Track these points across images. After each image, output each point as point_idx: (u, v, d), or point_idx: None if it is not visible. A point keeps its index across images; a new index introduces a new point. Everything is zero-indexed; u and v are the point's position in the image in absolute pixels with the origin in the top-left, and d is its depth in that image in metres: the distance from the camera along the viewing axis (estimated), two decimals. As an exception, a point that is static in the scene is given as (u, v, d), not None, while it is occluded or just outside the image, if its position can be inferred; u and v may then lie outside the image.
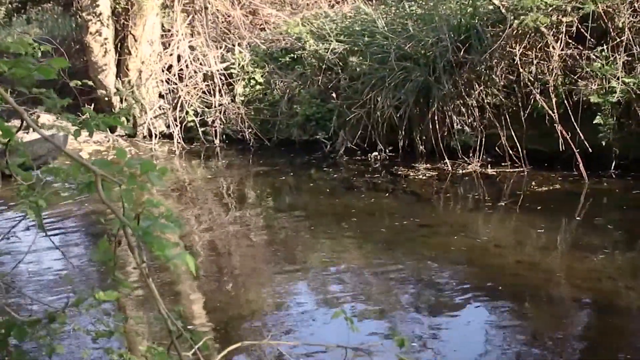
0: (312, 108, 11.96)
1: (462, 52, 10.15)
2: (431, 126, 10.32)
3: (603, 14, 9.26)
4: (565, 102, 9.42)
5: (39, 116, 11.25)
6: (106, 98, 13.44)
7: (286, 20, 13.72)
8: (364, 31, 12.12)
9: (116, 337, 4.43)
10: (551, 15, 9.42)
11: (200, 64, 13.16)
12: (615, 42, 9.33)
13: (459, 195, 9.25)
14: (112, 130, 12.68)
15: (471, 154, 10.17)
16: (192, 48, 13.30)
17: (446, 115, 10.32)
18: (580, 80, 9.50)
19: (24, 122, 2.64)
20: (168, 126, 13.06)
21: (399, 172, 10.13)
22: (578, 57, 9.58)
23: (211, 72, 13.04)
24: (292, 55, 12.65)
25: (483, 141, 10.06)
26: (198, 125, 12.82)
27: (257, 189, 10.22)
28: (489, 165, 10.02)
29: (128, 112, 13.01)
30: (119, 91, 13.15)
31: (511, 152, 9.78)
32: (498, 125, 9.94)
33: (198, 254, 7.06)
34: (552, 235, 7.27)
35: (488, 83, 10.11)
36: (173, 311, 2.71)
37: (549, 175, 9.41)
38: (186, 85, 13.08)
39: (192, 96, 13.03)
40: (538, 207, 8.26)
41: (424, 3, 12.05)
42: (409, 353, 4.69)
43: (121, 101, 13.39)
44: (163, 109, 13.24)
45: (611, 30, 9.37)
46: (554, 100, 9.47)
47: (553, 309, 5.53)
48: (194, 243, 7.50)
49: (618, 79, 9.07)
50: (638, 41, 9.24)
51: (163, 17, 13.51)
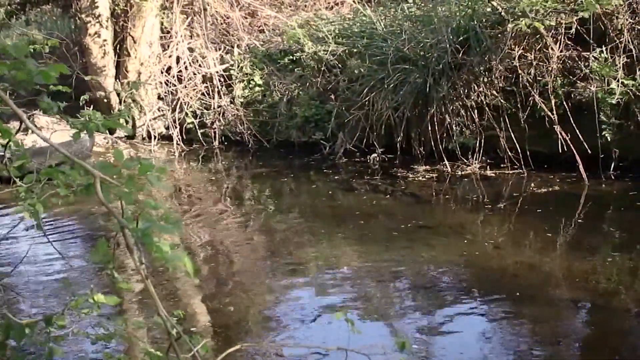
0: (311, 110, 11.96)
1: (461, 54, 10.14)
2: (430, 128, 10.31)
3: (602, 16, 9.27)
4: (564, 104, 9.42)
5: (38, 118, 11.23)
6: (105, 100, 13.43)
7: (285, 22, 13.71)
8: (363, 33, 12.12)
9: (115, 340, 4.42)
10: (548, 19, 9.42)
11: (199, 66, 13.16)
12: (614, 44, 9.33)
13: (458, 196, 9.25)
14: (112, 131, 12.68)
15: (470, 156, 10.17)
16: (191, 50, 13.30)
17: (445, 116, 10.32)
18: (579, 81, 9.51)
19: (23, 124, 2.64)
20: (167, 128, 13.05)
21: (398, 174, 10.12)
22: (577, 59, 9.58)
23: (210, 74, 13.04)
24: (291, 57, 12.65)
25: (482, 143, 10.06)
26: (197, 126, 12.81)
27: (256, 191, 10.21)
28: (488, 166, 10.01)
29: (127, 114, 13.00)
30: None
31: (510, 154, 9.78)
32: (497, 126, 9.93)
33: (197, 256, 7.05)
34: (551, 236, 7.27)
35: (487, 85, 10.11)
36: (173, 315, 2.71)
37: (548, 176, 9.40)
38: (185, 86, 13.07)
39: (191, 98, 13.03)
40: (537, 209, 8.26)
41: (423, 5, 12.05)
42: (410, 355, 4.68)
43: (120, 103, 13.39)
44: (162, 111, 13.23)
45: (610, 31, 9.37)
46: (553, 101, 9.47)
47: (552, 310, 5.53)
48: (193, 245, 7.49)
49: (617, 81, 9.07)
50: (637, 43, 9.25)
51: (162, 19, 13.50)
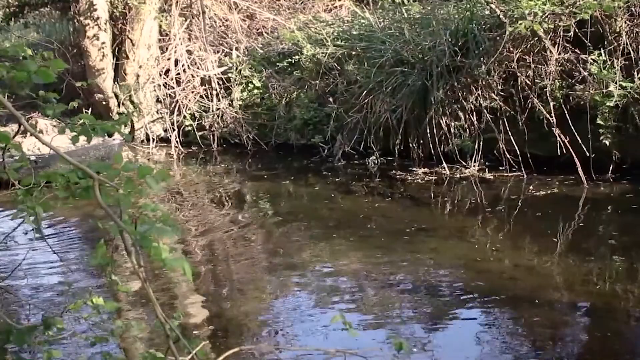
0: (310, 112, 11.96)
1: (460, 57, 10.15)
2: (429, 130, 10.31)
3: (600, 19, 9.28)
4: (562, 106, 9.43)
5: (37, 121, 11.22)
6: (103, 102, 13.43)
7: (284, 24, 13.72)
8: (361, 35, 12.13)
9: (113, 342, 4.42)
10: (546, 22, 9.43)
11: (197, 68, 13.17)
12: (612, 46, 9.34)
13: (457, 199, 9.25)
14: (110, 134, 12.65)
15: (469, 158, 10.17)
16: (190, 52, 13.30)
17: (443, 119, 10.32)
18: (577, 84, 9.52)
19: (22, 127, 2.64)
20: (165, 130, 13.05)
21: (397, 176, 10.12)
22: (575, 61, 9.59)
23: (209, 77, 13.04)
24: (290, 59, 12.66)
25: (481, 145, 10.06)
26: (195, 129, 12.81)
27: (255, 194, 10.20)
28: (487, 169, 10.01)
29: (127, 120, 13.00)
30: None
31: (509, 156, 9.78)
32: (495, 129, 9.94)
33: (195, 259, 7.05)
34: (550, 239, 7.27)
35: (485, 87, 10.11)
36: (173, 318, 2.71)
37: (547, 179, 9.40)
38: (184, 89, 13.08)
39: (190, 100, 13.03)
40: (536, 211, 8.27)
41: (422, 7, 12.06)
42: (407, 357, 4.68)
43: (119, 105, 13.38)
44: (161, 113, 13.23)
45: (608, 34, 9.38)
46: (552, 104, 9.48)
47: (551, 313, 5.53)
48: (192, 247, 7.49)
49: (616, 83, 9.08)
50: (635, 45, 9.26)
51: (160, 22, 13.50)
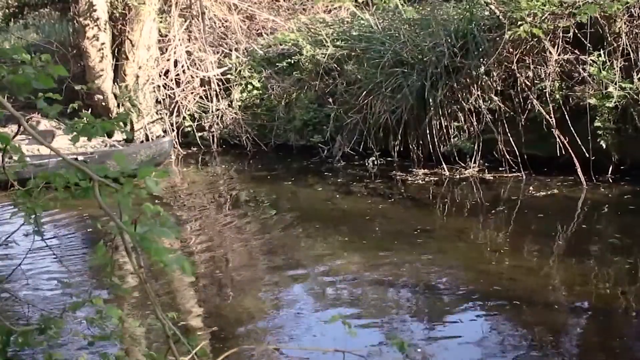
0: (310, 113, 11.97)
1: (459, 57, 10.16)
2: (428, 131, 10.32)
3: (600, 20, 9.28)
4: (562, 107, 9.43)
5: (39, 122, 11.23)
6: (103, 103, 13.43)
7: (283, 25, 13.73)
8: (361, 36, 12.14)
9: (113, 342, 4.42)
10: (546, 23, 9.44)
11: (197, 69, 13.17)
12: (612, 47, 9.35)
13: (456, 200, 9.25)
14: (110, 135, 12.67)
15: (468, 159, 10.17)
16: (189, 53, 13.31)
17: (443, 120, 10.32)
18: (577, 85, 9.52)
19: (21, 128, 2.64)
20: (165, 131, 13.05)
21: (396, 177, 10.13)
22: (575, 62, 9.60)
23: (208, 77, 13.05)
24: (289, 60, 12.67)
25: (480, 146, 10.07)
26: (195, 130, 12.82)
27: (255, 194, 10.20)
28: (486, 170, 10.02)
29: (126, 118, 13.00)
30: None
31: (508, 157, 9.78)
32: (495, 130, 9.95)
33: (195, 259, 7.05)
34: (549, 240, 7.27)
35: (485, 88, 10.12)
36: (173, 319, 2.71)
37: (546, 180, 9.41)
38: (183, 90, 13.09)
39: (189, 101, 13.04)
40: (535, 212, 8.26)
41: (421, 8, 12.07)
42: (407, 357, 4.68)
43: (118, 106, 13.39)
44: (160, 114, 13.24)
45: (608, 35, 9.39)
46: (551, 105, 9.49)
47: (550, 314, 5.53)
48: (191, 248, 7.49)
49: (615, 84, 9.09)
50: (635, 46, 9.27)
51: (160, 22, 13.51)
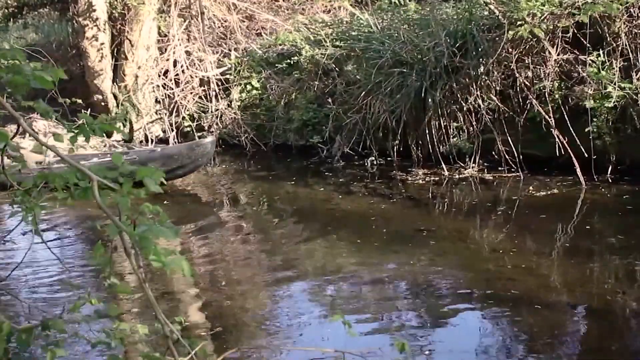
0: (309, 113, 11.97)
1: (458, 57, 10.16)
2: (427, 131, 10.33)
3: (599, 20, 9.29)
4: (561, 107, 9.44)
5: (36, 121, 11.21)
6: (102, 103, 13.43)
7: (282, 25, 13.73)
8: (360, 36, 12.14)
9: (113, 343, 4.42)
10: (545, 23, 9.45)
11: (196, 69, 13.17)
12: (611, 47, 9.36)
13: (456, 200, 9.26)
14: (109, 135, 12.68)
15: (467, 159, 10.18)
16: (189, 53, 13.31)
17: (442, 120, 10.33)
18: (576, 85, 9.52)
19: (20, 128, 2.64)
20: (164, 131, 13.05)
21: (396, 177, 10.13)
22: (574, 62, 9.60)
23: (207, 77, 13.05)
24: (289, 60, 12.67)
25: (480, 146, 10.07)
26: (194, 130, 12.81)
27: (254, 194, 10.20)
28: (486, 170, 10.02)
29: (124, 117, 13.02)
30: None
31: (507, 157, 9.79)
32: (494, 130, 9.95)
33: (194, 259, 7.04)
34: (549, 240, 7.28)
35: (484, 88, 10.12)
36: (175, 322, 2.70)
37: (546, 180, 9.41)
38: (182, 90, 13.09)
39: (189, 101, 13.04)
40: (534, 212, 8.26)
41: (421, 8, 12.07)
42: (407, 358, 4.68)
43: (117, 106, 13.39)
44: (159, 114, 13.24)
45: (607, 35, 9.39)
46: (550, 105, 9.49)
47: (549, 314, 5.53)
48: (190, 248, 7.49)
49: (614, 84, 9.09)
50: (634, 46, 9.27)
51: (159, 22, 13.51)
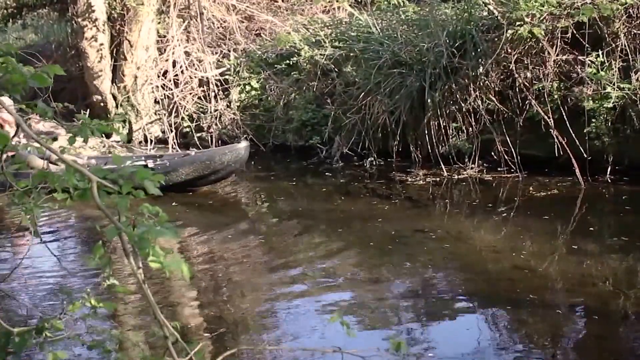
0: (308, 113, 11.97)
1: (458, 58, 10.17)
2: (426, 131, 10.33)
3: (598, 20, 9.29)
4: (560, 108, 9.44)
5: (34, 121, 11.20)
6: (102, 104, 13.44)
7: (282, 26, 13.73)
8: (359, 37, 12.15)
9: (111, 344, 4.42)
10: (544, 23, 9.45)
11: (195, 70, 13.17)
12: (610, 48, 9.36)
13: (455, 200, 9.26)
14: (108, 136, 12.68)
15: (467, 160, 10.18)
16: (188, 54, 13.31)
17: (441, 120, 10.33)
18: (575, 85, 9.53)
19: (20, 128, 2.64)
20: (163, 132, 13.05)
21: (395, 178, 10.13)
22: (573, 63, 9.61)
23: (207, 78, 13.05)
24: (288, 61, 12.68)
25: (479, 146, 10.08)
26: (194, 130, 12.82)
27: (253, 195, 10.20)
28: (485, 170, 10.03)
29: (123, 119, 13.03)
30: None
31: (507, 158, 9.79)
32: (493, 130, 9.95)
33: (193, 260, 7.04)
34: (548, 240, 7.28)
35: (483, 89, 10.13)
36: (175, 328, 2.70)
37: (545, 180, 9.42)
38: (182, 90, 13.09)
39: (188, 102, 13.04)
40: (534, 212, 8.27)
41: (420, 9, 12.08)
42: (405, 358, 4.68)
43: (117, 107, 13.40)
44: (159, 115, 13.24)
45: (606, 36, 9.40)
46: (549, 105, 9.50)
47: (549, 314, 5.53)
48: (189, 249, 7.49)
49: (613, 85, 9.10)
50: (633, 47, 9.28)
51: (159, 23, 13.51)
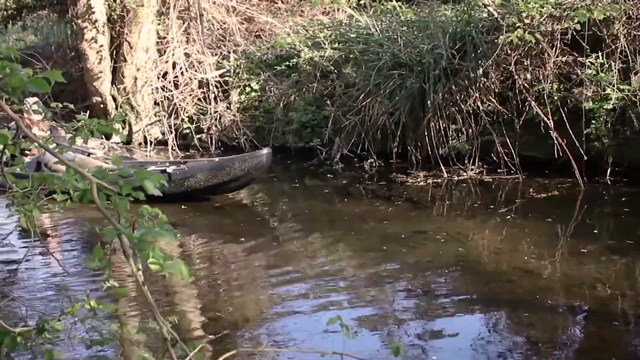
0: (308, 115, 11.98)
1: (457, 60, 10.17)
2: (426, 133, 10.33)
3: (598, 22, 9.29)
4: (560, 109, 9.44)
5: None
6: (101, 105, 13.44)
7: (282, 27, 13.74)
8: (359, 38, 12.15)
9: (110, 345, 4.42)
10: (544, 25, 9.46)
11: (195, 71, 13.18)
12: (610, 49, 9.36)
13: (455, 202, 9.26)
14: (108, 137, 12.68)
15: (466, 161, 10.19)
16: (188, 55, 13.32)
17: (441, 122, 10.33)
18: (575, 87, 9.53)
19: (19, 129, 2.63)
20: (163, 133, 13.06)
21: (395, 179, 10.13)
22: (573, 64, 9.61)
23: (207, 79, 13.05)
24: (288, 62, 12.68)
25: (479, 148, 10.08)
26: (193, 132, 12.82)
27: (252, 196, 10.20)
28: (485, 172, 10.03)
29: (122, 119, 13.03)
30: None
31: (506, 159, 9.80)
32: (493, 132, 9.96)
33: (193, 262, 7.04)
34: (548, 241, 7.28)
35: (483, 90, 10.13)
36: (173, 323, 2.70)
37: (545, 181, 9.42)
38: (181, 92, 13.09)
39: (188, 103, 13.04)
40: (534, 214, 8.27)
41: (419, 10, 12.09)
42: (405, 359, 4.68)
43: (116, 108, 13.40)
44: (158, 116, 13.24)
45: (606, 37, 9.40)
46: (549, 107, 9.50)
47: (548, 315, 5.53)
48: (189, 251, 7.48)
49: (613, 86, 9.10)
50: (633, 48, 9.28)
51: (158, 25, 13.52)
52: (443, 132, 10.34)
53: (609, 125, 9.20)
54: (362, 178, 10.43)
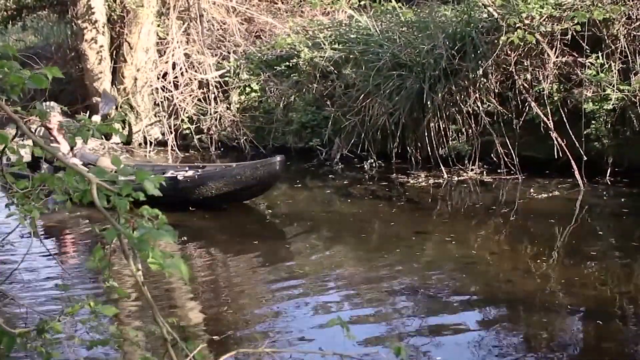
0: (308, 115, 11.98)
1: (457, 60, 10.16)
2: (426, 134, 10.33)
3: (598, 22, 9.30)
4: (560, 110, 9.44)
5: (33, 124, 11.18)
6: (101, 105, 13.44)
7: (282, 28, 13.74)
8: (359, 39, 12.15)
9: (111, 346, 4.41)
10: (544, 26, 9.47)
11: (195, 72, 13.18)
12: (610, 50, 9.37)
13: (455, 202, 9.25)
14: (107, 137, 12.68)
15: (466, 162, 10.18)
16: (188, 56, 13.32)
17: (441, 122, 10.33)
18: (575, 87, 9.53)
19: (19, 130, 2.64)
20: (163, 134, 13.05)
21: (394, 180, 10.13)
22: (573, 65, 9.61)
23: (206, 80, 13.05)
24: (288, 63, 12.68)
25: (479, 148, 10.08)
26: (193, 132, 12.82)
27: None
28: (485, 172, 10.03)
29: (122, 119, 13.03)
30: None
31: (506, 160, 9.80)
32: (493, 132, 9.95)
33: (193, 263, 7.04)
34: (547, 242, 7.28)
35: (483, 90, 10.13)
36: (172, 324, 2.70)
37: (544, 182, 9.42)
38: (181, 92, 13.09)
39: (188, 103, 13.04)
40: (533, 214, 8.27)
41: (419, 11, 12.09)
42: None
43: (116, 108, 13.40)
44: (158, 117, 13.24)
45: (606, 38, 9.40)
46: (549, 107, 9.50)
47: (548, 316, 5.53)
48: (188, 251, 7.48)
49: (613, 87, 9.10)
50: (632, 49, 9.28)
51: (158, 25, 13.52)
52: (443, 133, 10.34)
53: (609, 125, 9.21)
54: (363, 178, 10.43)
